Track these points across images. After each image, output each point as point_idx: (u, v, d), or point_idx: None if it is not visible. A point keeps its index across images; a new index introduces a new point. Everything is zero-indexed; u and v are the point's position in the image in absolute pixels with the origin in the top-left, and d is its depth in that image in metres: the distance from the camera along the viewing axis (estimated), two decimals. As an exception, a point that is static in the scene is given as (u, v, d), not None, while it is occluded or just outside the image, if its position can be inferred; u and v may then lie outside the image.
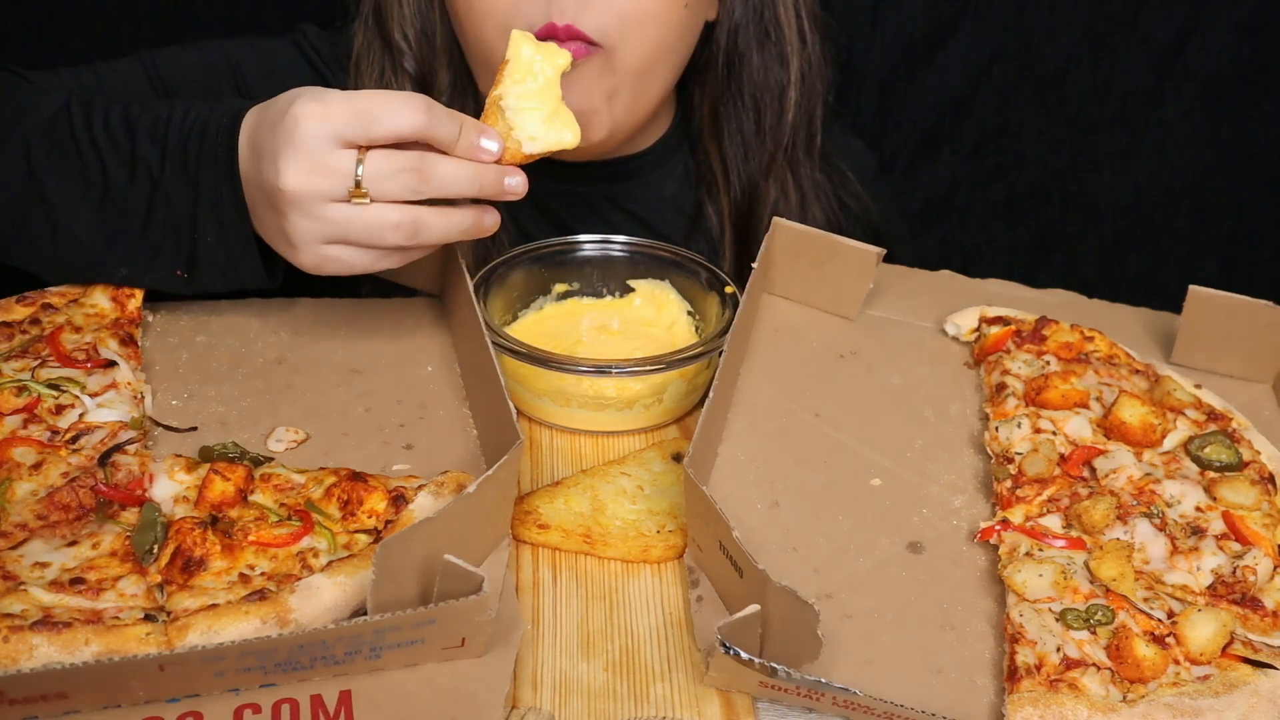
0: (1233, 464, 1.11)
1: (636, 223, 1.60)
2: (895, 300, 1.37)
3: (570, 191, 1.57)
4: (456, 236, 1.13)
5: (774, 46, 1.51)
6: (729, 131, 1.55)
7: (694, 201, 1.60)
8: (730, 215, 1.58)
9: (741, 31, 1.50)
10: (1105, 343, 1.27)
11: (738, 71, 1.52)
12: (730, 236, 1.58)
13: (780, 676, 0.87)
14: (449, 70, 1.49)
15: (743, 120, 1.55)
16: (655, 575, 1.07)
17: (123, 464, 1.04)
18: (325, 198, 1.06)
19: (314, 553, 0.98)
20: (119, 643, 0.88)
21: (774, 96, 1.53)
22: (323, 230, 1.08)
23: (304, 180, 1.05)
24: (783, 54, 1.52)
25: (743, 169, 1.56)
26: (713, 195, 1.59)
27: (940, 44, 2.14)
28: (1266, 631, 0.97)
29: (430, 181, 1.07)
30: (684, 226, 1.61)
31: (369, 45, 1.49)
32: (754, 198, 1.56)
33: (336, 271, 1.12)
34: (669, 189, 1.61)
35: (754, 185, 1.56)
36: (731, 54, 1.51)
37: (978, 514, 1.11)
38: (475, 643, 0.92)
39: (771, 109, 1.53)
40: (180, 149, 1.15)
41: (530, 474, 1.17)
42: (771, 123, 1.54)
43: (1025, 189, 2.29)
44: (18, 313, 1.20)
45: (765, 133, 1.54)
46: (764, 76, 1.52)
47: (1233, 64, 2.14)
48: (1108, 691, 0.92)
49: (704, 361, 1.22)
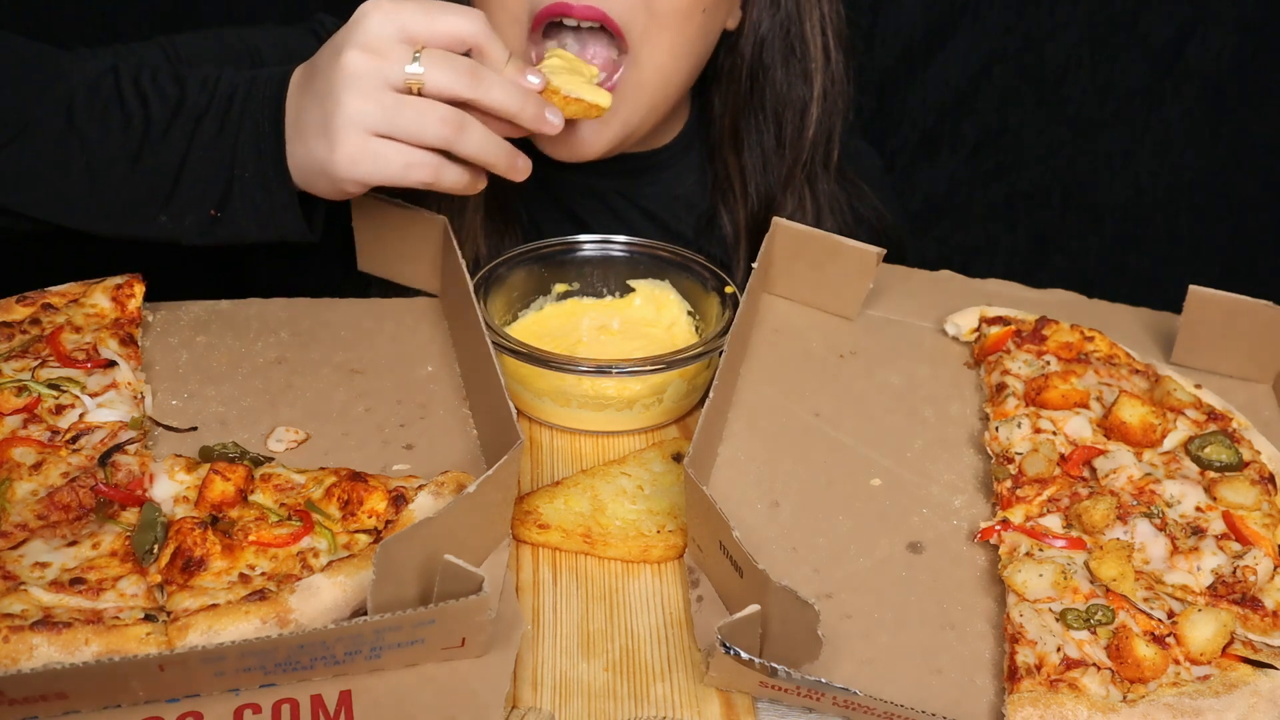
0: (1233, 464, 1.11)
1: (649, 219, 1.60)
2: (895, 300, 1.37)
3: (585, 185, 1.57)
4: (492, 160, 1.16)
5: (799, 63, 1.52)
6: (749, 144, 1.56)
7: (709, 206, 1.61)
8: (746, 225, 1.58)
9: (767, 46, 1.51)
10: (1105, 343, 1.27)
11: (761, 85, 1.53)
12: (745, 246, 1.58)
13: (780, 676, 0.87)
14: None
15: (763, 133, 1.55)
16: (655, 575, 1.07)
17: (123, 464, 1.04)
18: (383, 79, 1.10)
19: (314, 553, 0.98)
20: (119, 643, 0.88)
21: (796, 112, 1.53)
22: (371, 114, 1.10)
23: (364, 61, 1.09)
24: (807, 71, 1.52)
25: (761, 181, 1.56)
26: (729, 204, 1.59)
27: (940, 44, 2.14)
28: (1266, 631, 0.97)
29: (480, 85, 1.12)
30: (696, 225, 1.61)
31: None
32: (770, 209, 1.56)
33: (370, 173, 1.12)
34: (682, 187, 1.61)
35: (771, 197, 1.57)
36: (756, 67, 1.52)
37: (978, 514, 1.11)
38: (475, 643, 0.92)
39: (793, 124, 1.54)
40: (229, 94, 1.17)
41: (530, 474, 1.17)
42: (792, 137, 1.54)
43: (1025, 189, 2.30)
44: (18, 313, 1.20)
45: (785, 147, 1.55)
46: (787, 91, 1.53)
47: (1233, 64, 2.14)
48: (1108, 691, 0.92)
49: (704, 361, 1.22)
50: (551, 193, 1.57)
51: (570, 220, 1.57)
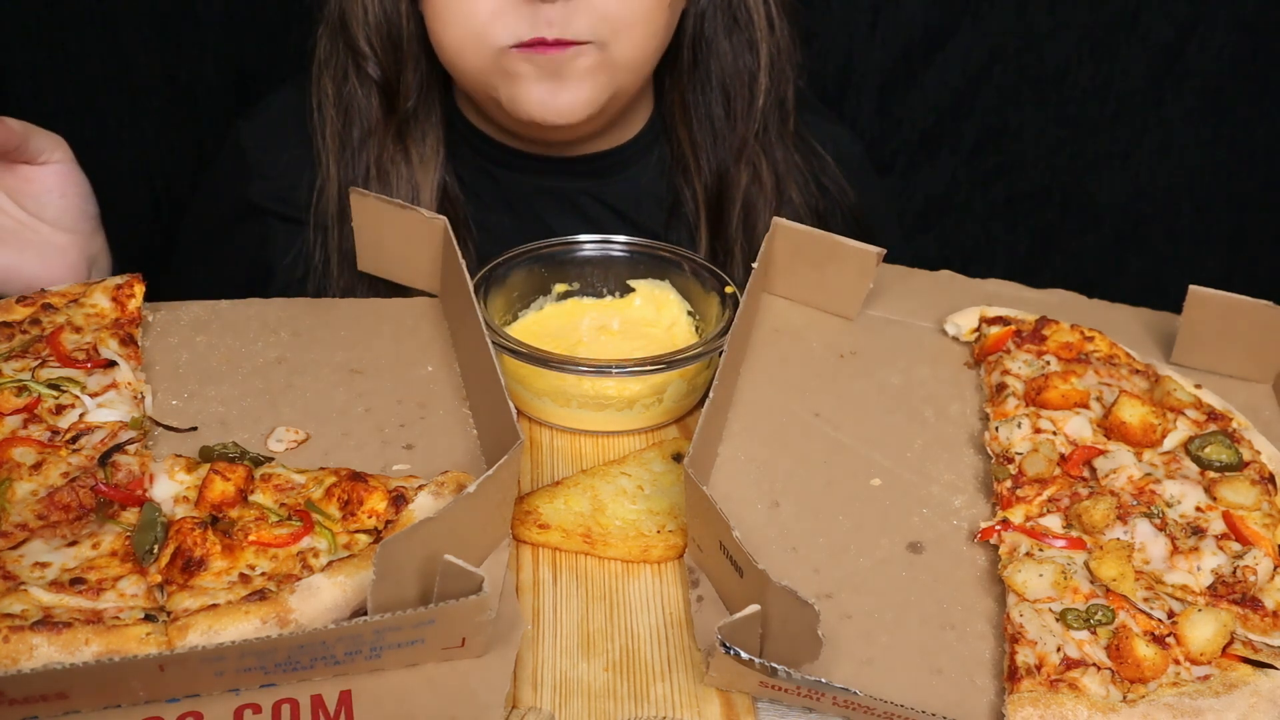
0: (1233, 464, 1.11)
1: (616, 216, 1.60)
2: (895, 300, 1.37)
3: (551, 188, 1.58)
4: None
5: (742, 33, 1.51)
6: (698, 118, 1.56)
7: (671, 189, 1.61)
8: (704, 200, 1.58)
9: (709, 19, 1.51)
10: (1105, 343, 1.27)
11: (705, 58, 1.52)
12: (704, 220, 1.58)
13: (780, 676, 0.87)
14: (415, 74, 1.49)
15: (712, 106, 1.55)
16: (655, 575, 1.07)
17: (123, 464, 1.04)
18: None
19: (314, 553, 0.98)
20: (119, 643, 0.88)
21: (744, 83, 1.53)
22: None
23: None
24: (752, 40, 1.52)
25: (713, 154, 1.56)
26: (687, 180, 1.59)
27: (940, 44, 2.14)
28: (1266, 631, 0.97)
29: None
30: (663, 218, 1.61)
31: (331, 51, 1.49)
32: (725, 182, 1.56)
33: None
34: (646, 180, 1.61)
35: (725, 170, 1.56)
36: (698, 40, 1.52)
37: (978, 514, 1.11)
38: (475, 643, 0.92)
39: (742, 96, 1.53)
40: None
41: (530, 474, 1.17)
42: (741, 109, 1.54)
43: (1025, 189, 2.30)
44: (18, 313, 1.20)
45: (735, 118, 1.54)
46: (733, 63, 1.52)
47: (1233, 64, 2.14)
48: (1108, 691, 0.92)
49: (704, 361, 1.22)
50: (515, 197, 1.57)
51: (537, 224, 1.57)
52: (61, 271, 1.28)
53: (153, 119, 2.05)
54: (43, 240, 1.27)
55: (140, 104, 2.03)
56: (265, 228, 1.57)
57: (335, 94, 1.49)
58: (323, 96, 1.51)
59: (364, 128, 1.49)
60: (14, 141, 1.20)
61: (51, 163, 1.25)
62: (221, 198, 1.62)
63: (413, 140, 1.51)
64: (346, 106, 1.49)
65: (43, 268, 1.27)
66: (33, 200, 1.26)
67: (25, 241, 1.26)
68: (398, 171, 1.50)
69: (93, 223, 1.31)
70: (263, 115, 1.60)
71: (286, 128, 1.56)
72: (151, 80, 2.02)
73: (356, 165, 1.50)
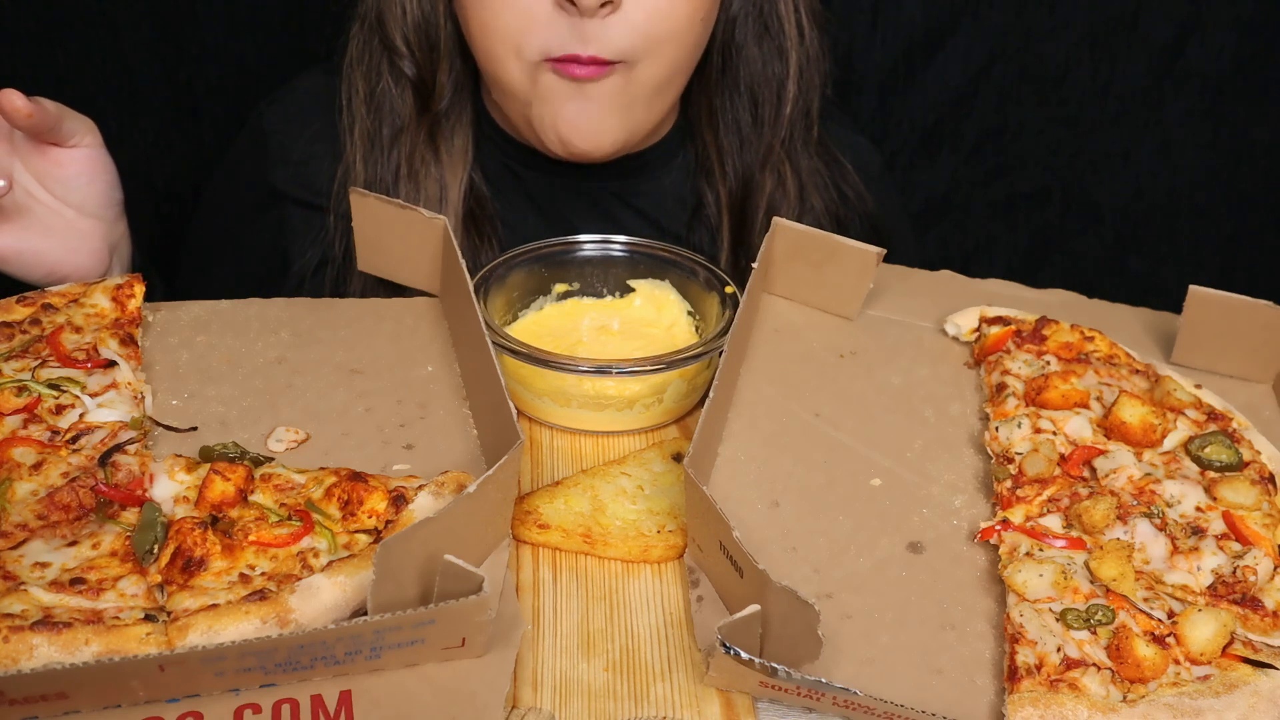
0: (1233, 464, 1.11)
1: (641, 218, 1.60)
2: (895, 300, 1.37)
3: (577, 188, 1.57)
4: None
5: (772, 40, 1.51)
6: (725, 123, 1.56)
7: (694, 191, 1.61)
8: (727, 205, 1.58)
9: (739, 24, 1.51)
10: (1105, 343, 1.27)
11: (734, 64, 1.52)
12: (728, 224, 1.58)
13: (780, 676, 0.87)
14: (449, 74, 1.49)
15: (739, 112, 1.55)
16: (655, 575, 1.07)
17: (123, 464, 1.04)
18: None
19: (314, 553, 0.98)
20: (119, 643, 0.88)
21: (772, 90, 1.53)
22: None
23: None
24: (781, 48, 1.52)
25: (739, 160, 1.56)
26: (711, 183, 1.59)
27: (940, 44, 2.14)
28: (1266, 631, 0.97)
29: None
30: (686, 219, 1.61)
31: (366, 47, 1.49)
32: (750, 188, 1.56)
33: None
34: (670, 182, 1.61)
35: (750, 176, 1.56)
36: (728, 46, 1.52)
37: (978, 514, 1.11)
38: (475, 643, 0.92)
39: (769, 102, 1.53)
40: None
41: (530, 474, 1.17)
42: (769, 116, 1.54)
43: (1025, 189, 2.29)
44: (18, 313, 1.20)
45: (762, 125, 1.54)
46: (762, 70, 1.52)
47: (1233, 64, 2.14)
48: (1108, 691, 0.92)
49: (704, 361, 1.22)
50: (541, 197, 1.57)
51: (561, 224, 1.57)
52: (84, 257, 1.28)
53: (153, 119, 2.05)
54: (68, 225, 1.27)
55: (140, 104, 2.03)
56: (284, 214, 1.57)
57: (367, 92, 1.49)
58: (353, 94, 1.51)
59: (395, 126, 1.49)
60: (49, 122, 1.20)
61: (82, 146, 1.25)
62: (242, 182, 1.62)
63: (443, 139, 1.51)
64: (379, 105, 1.49)
65: (67, 253, 1.27)
66: (60, 185, 1.26)
67: (50, 226, 1.26)
68: (427, 170, 1.50)
69: (117, 209, 1.31)
70: (287, 99, 1.60)
71: (310, 113, 1.56)
72: (151, 80, 2.02)
73: (385, 163, 1.50)
